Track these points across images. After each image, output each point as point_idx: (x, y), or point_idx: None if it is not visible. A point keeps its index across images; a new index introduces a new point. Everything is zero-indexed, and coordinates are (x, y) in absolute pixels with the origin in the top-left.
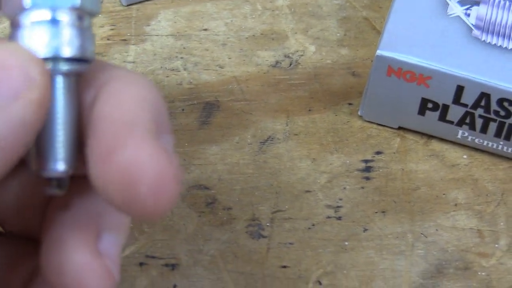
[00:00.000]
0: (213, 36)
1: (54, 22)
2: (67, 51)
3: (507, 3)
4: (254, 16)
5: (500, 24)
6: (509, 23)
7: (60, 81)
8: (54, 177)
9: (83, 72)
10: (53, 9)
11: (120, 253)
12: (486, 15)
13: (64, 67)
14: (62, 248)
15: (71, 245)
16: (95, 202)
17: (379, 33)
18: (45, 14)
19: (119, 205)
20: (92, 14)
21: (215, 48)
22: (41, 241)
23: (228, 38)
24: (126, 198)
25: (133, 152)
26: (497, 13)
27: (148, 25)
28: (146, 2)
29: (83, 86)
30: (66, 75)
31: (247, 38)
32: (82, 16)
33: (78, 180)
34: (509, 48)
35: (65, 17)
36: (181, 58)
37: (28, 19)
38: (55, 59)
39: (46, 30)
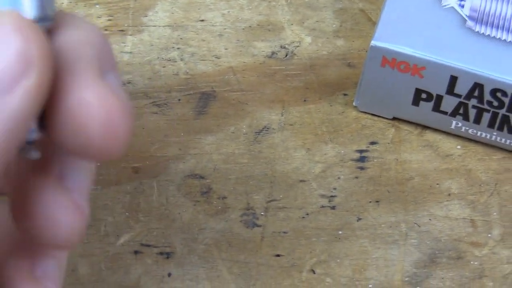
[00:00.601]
0: (209, 26)
1: None
2: (31, 12)
3: None
4: (250, 7)
5: (494, 15)
6: (502, 14)
7: None
8: (30, 141)
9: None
10: None
11: (89, 190)
12: (480, 6)
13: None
14: (30, 193)
15: (38, 188)
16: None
17: (374, 24)
18: None
19: (75, 151)
20: None
21: (211, 39)
22: (9, 195)
23: (224, 29)
24: (79, 143)
25: (79, 95)
26: (491, 4)
27: (146, 16)
28: None
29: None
30: None
31: (243, 29)
32: None
33: None
34: (503, 39)
35: None
36: (178, 48)
37: None
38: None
39: None
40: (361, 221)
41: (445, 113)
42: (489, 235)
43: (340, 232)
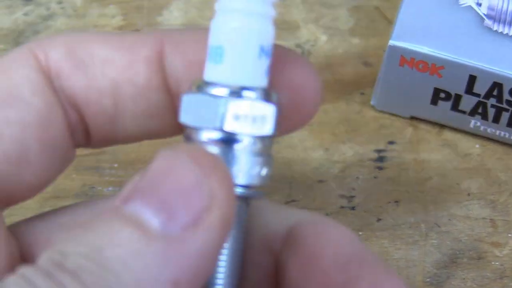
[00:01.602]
0: None
1: (231, 145)
2: (242, 179)
3: None
4: None
5: (511, 14)
6: None
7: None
8: None
9: (256, 199)
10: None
11: None
12: (498, 4)
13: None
14: None
15: None
16: None
17: (390, 22)
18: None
19: None
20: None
21: None
22: None
23: None
24: None
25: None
26: (509, 2)
27: (160, 15)
28: None
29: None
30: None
31: None
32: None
33: None
34: None
35: (244, 141)
36: None
37: (206, 135)
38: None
39: (222, 152)
40: (381, 221)
41: (463, 112)
42: (510, 234)
43: (360, 233)
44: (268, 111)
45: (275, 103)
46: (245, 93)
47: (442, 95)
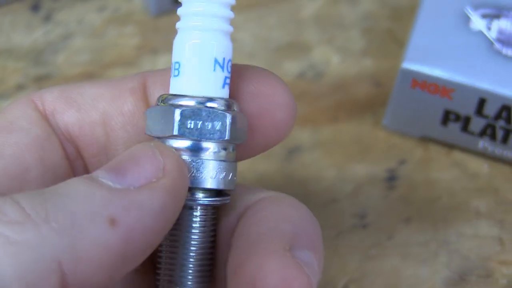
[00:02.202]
0: (240, 47)
1: (196, 152)
2: (208, 183)
3: None
4: (279, 28)
5: None
6: None
7: (197, 212)
8: None
9: (223, 204)
10: (199, 139)
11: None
12: (507, 29)
13: (203, 200)
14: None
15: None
16: None
17: (401, 44)
18: (189, 143)
19: None
20: (237, 144)
21: (242, 59)
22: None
23: (254, 49)
24: None
25: (257, 265)
26: None
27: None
28: (174, 12)
29: (226, 210)
30: (204, 207)
31: (273, 49)
32: (227, 147)
33: None
34: None
35: (209, 148)
36: None
37: (173, 144)
38: (194, 189)
39: (188, 160)
40: (392, 239)
41: (473, 133)
42: None
43: (372, 251)
44: (223, 119)
45: (231, 112)
46: (200, 102)
47: (452, 116)
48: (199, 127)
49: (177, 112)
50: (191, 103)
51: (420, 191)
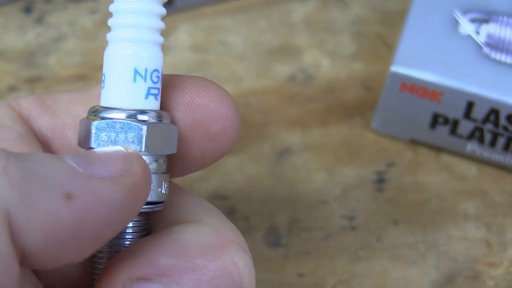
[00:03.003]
0: (230, 50)
1: None
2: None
3: None
4: (270, 31)
5: (509, 42)
6: None
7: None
8: None
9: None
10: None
11: None
12: (496, 33)
13: None
14: None
15: None
16: None
17: (391, 48)
18: None
19: None
20: (169, 155)
21: (232, 62)
22: None
23: (245, 52)
24: None
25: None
26: (506, 31)
27: (168, 38)
28: (166, 16)
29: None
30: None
31: (263, 52)
32: (157, 158)
33: None
34: None
35: None
36: (200, 71)
37: None
38: None
39: None
40: (380, 241)
41: (461, 136)
42: (504, 255)
43: (360, 252)
44: (137, 130)
45: (147, 123)
46: (112, 114)
47: (441, 120)
48: (113, 139)
49: (93, 125)
50: (115, 115)
51: (408, 193)
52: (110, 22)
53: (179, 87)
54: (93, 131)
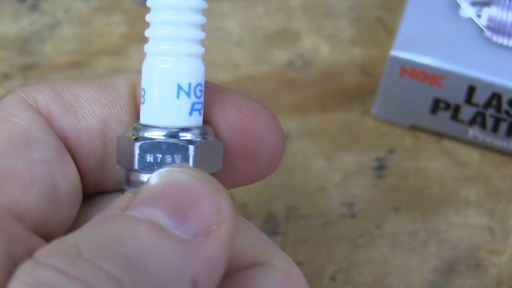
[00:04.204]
0: (228, 35)
1: None
2: None
3: None
4: (268, 16)
5: (511, 25)
6: None
7: None
8: None
9: None
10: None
11: None
12: (497, 16)
13: None
14: None
15: None
16: None
17: (390, 33)
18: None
19: None
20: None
21: (230, 48)
22: None
23: (242, 37)
24: None
25: None
26: (508, 14)
27: None
28: None
29: None
30: None
31: (261, 38)
32: None
33: None
34: None
35: None
36: None
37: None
38: None
39: None
40: (380, 229)
41: (463, 122)
42: (507, 242)
43: (360, 240)
44: (184, 151)
45: (193, 144)
46: (155, 133)
47: (442, 105)
48: (159, 161)
49: (137, 146)
50: (158, 134)
51: (409, 180)
52: (148, 33)
53: (228, 107)
54: (137, 151)
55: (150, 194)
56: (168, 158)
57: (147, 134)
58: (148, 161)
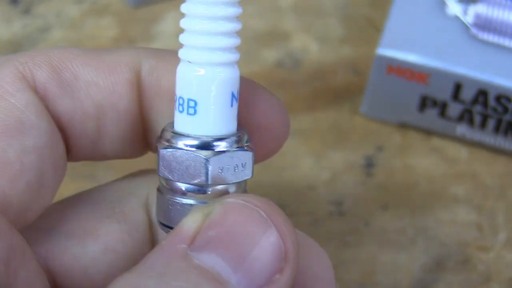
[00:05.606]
0: None
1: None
2: None
3: (504, 1)
4: (257, 16)
5: (497, 22)
6: (505, 21)
7: None
8: None
9: None
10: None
11: None
12: (484, 13)
13: None
14: None
15: None
16: None
17: (380, 31)
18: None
19: None
20: None
21: None
22: None
23: None
24: None
25: None
26: (493, 11)
27: (155, 26)
28: (152, 3)
29: None
30: None
31: (251, 38)
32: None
33: None
34: (506, 45)
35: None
36: None
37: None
38: None
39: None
40: (369, 226)
41: (450, 119)
42: (495, 239)
43: (348, 238)
44: (247, 158)
45: (251, 148)
46: (223, 144)
47: (429, 102)
48: (234, 171)
49: (211, 161)
50: (224, 145)
51: (398, 177)
52: (183, 39)
53: (258, 107)
54: (210, 167)
55: (215, 234)
56: (231, 167)
57: (218, 148)
58: (220, 174)
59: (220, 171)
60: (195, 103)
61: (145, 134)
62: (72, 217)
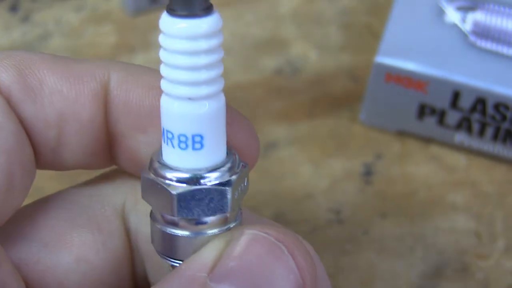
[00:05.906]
0: None
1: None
2: None
3: (503, 9)
4: (257, 24)
5: (495, 30)
6: (504, 28)
7: None
8: None
9: None
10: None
11: None
12: (482, 21)
13: None
14: None
15: None
16: None
17: (379, 39)
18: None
19: None
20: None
21: None
22: None
23: (231, 45)
24: None
25: None
26: (491, 19)
27: (154, 34)
28: (152, 11)
29: None
30: None
31: (250, 45)
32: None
33: None
34: (505, 53)
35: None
36: None
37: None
38: None
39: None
40: (368, 234)
41: (449, 127)
42: (494, 246)
43: (347, 246)
44: (247, 172)
45: (244, 161)
46: (233, 169)
47: (428, 110)
48: (241, 190)
49: (229, 191)
50: (232, 170)
51: (396, 185)
52: (163, 71)
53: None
54: (229, 196)
55: (235, 266)
56: (239, 189)
57: (232, 176)
58: (235, 199)
59: (236, 196)
60: (201, 138)
61: (110, 147)
62: (45, 224)
